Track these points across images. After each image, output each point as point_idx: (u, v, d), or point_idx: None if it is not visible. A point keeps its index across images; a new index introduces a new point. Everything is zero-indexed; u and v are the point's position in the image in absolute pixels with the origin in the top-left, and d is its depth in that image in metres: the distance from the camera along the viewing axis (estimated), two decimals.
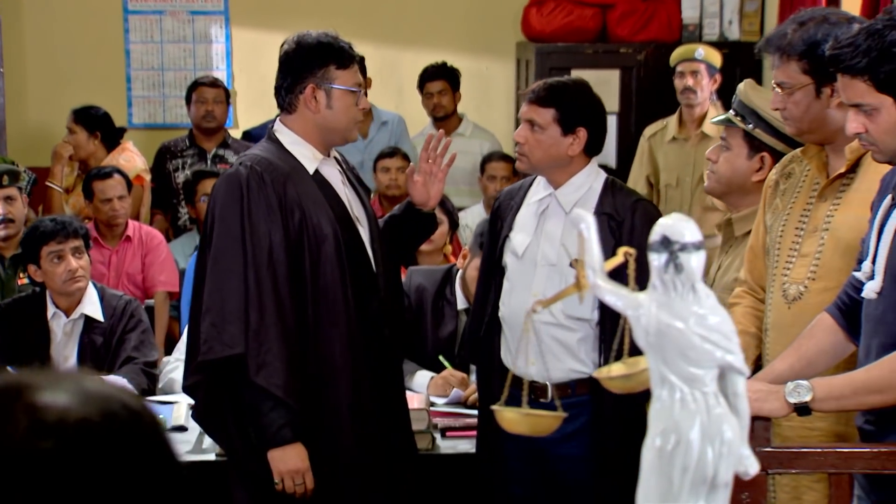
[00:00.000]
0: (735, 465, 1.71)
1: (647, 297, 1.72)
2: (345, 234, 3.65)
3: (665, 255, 1.71)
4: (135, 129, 7.84)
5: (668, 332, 1.69)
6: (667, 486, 1.70)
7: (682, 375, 1.69)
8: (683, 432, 1.69)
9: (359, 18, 8.08)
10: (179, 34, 8.02)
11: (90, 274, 4.84)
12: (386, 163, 6.81)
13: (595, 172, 4.00)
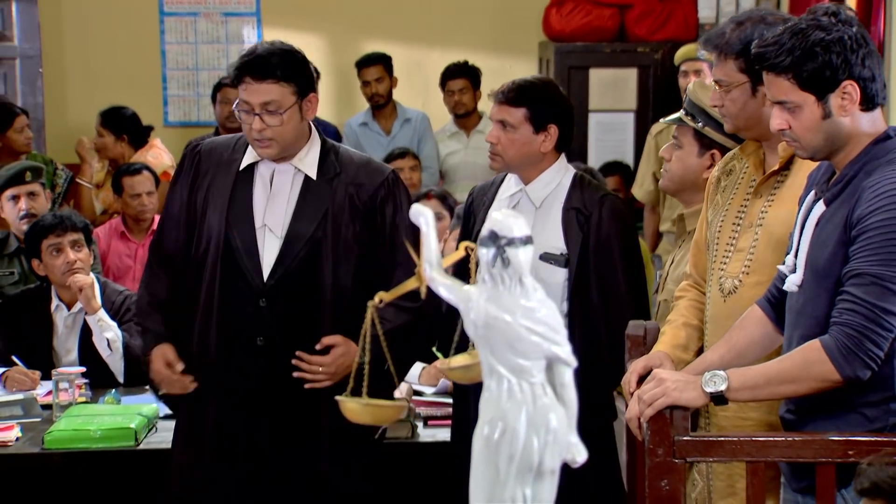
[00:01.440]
0: (562, 453, 1.83)
1: (476, 291, 1.84)
2: (233, 235, 3.72)
3: (493, 249, 1.82)
4: (170, 128, 8.08)
5: (496, 324, 1.81)
6: (494, 473, 1.81)
7: (510, 366, 1.81)
8: (510, 421, 1.80)
9: (386, 18, 8.24)
10: (213, 35, 8.24)
11: (90, 267, 5.03)
12: (398, 163, 6.97)
13: (564, 168, 4.12)
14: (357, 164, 3.80)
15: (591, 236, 4.01)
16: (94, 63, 8.13)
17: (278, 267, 3.71)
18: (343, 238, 3.72)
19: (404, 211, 3.73)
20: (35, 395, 4.62)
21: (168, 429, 4.20)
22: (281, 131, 3.63)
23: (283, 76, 3.61)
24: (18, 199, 5.65)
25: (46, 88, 7.89)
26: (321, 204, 3.72)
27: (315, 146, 3.76)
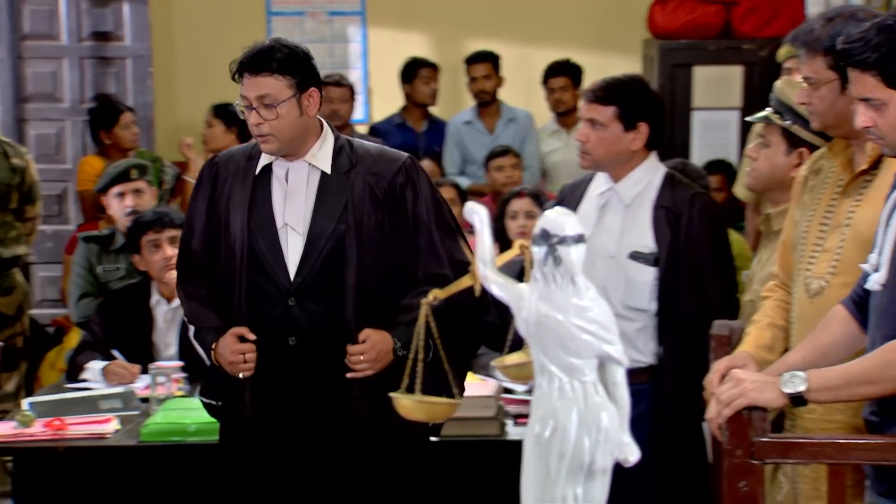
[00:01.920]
0: (614, 452, 1.83)
1: (528, 289, 1.84)
2: (256, 239, 3.72)
3: (545, 247, 1.82)
4: None
5: (548, 322, 1.81)
6: (544, 472, 1.81)
7: (561, 365, 1.81)
8: (561, 420, 1.80)
9: (490, 16, 8.26)
10: (319, 34, 8.32)
11: None
12: (499, 161, 7.00)
13: (655, 166, 4.10)
14: (372, 154, 3.76)
15: (681, 235, 3.99)
16: (203, 62, 8.25)
17: (304, 265, 3.69)
18: (366, 228, 3.68)
19: (424, 194, 3.71)
20: (134, 388, 4.71)
21: None
22: (278, 125, 3.60)
23: (278, 69, 3.59)
24: (124, 196, 5.77)
25: (156, 87, 8.04)
26: (340, 197, 3.68)
27: (328, 141, 3.73)
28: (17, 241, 6.23)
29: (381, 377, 3.62)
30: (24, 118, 7.96)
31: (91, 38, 8.00)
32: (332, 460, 3.74)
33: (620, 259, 4.02)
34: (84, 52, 7.99)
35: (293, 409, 3.73)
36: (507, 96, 7.79)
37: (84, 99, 7.93)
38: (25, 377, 6.44)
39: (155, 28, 8.04)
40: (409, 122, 7.84)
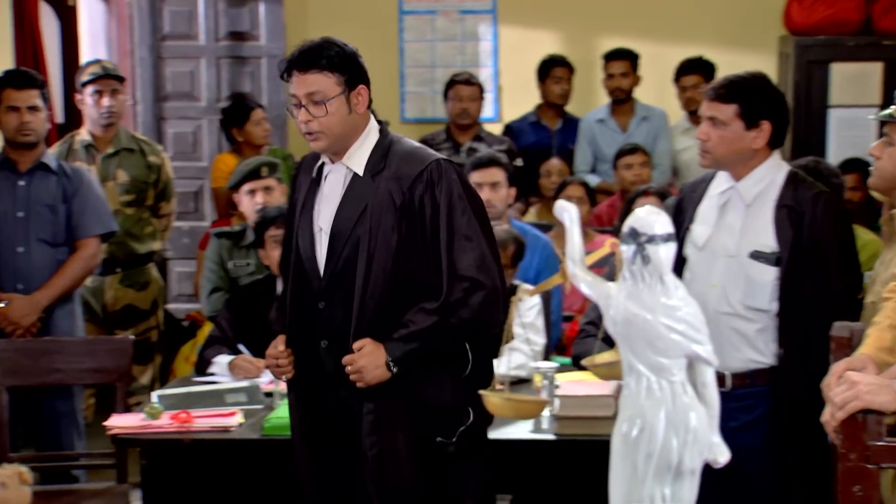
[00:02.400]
0: (703, 453, 1.81)
1: (617, 288, 1.83)
2: (299, 241, 3.77)
3: (633, 246, 1.81)
4: (406, 124, 8.23)
5: (636, 321, 1.80)
6: (631, 471, 1.80)
7: (649, 364, 1.79)
8: (648, 420, 1.79)
9: (623, 13, 8.20)
10: (450, 32, 8.36)
11: None
12: (628, 159, 6.95)
13: (777, 165, 4.03)
14: (401, 155, 3.68)
15: (804, 235, 3.91)
16: None
17: (327, 268, 3.71)
18: (381, 233, 3.63)
19: (442, 201, 3.61)
20: (259, 383, 4.78)
21: None
22: (327, 122, 3.59)
23: (327, 66, 3.59)
24: (255, 193, 5.86)
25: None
26: (362, 200, 3.65)
27: (369, 141, 3.69)
28: (152, 237, 6.38)
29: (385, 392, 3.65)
30: (162, 116, 8.14)
31: (227, 38, 8.15)
32: (354, 464, 3.75)
33: (741, 258, 3.97)
34: (221, 51, 8.14)
35: (325, 411, 3.76)
36: (641, 93, 7.73)
37: (220, 98, 8.08)
38: (160, 370, 6.59)
39: (289, 28, 8.16)
40: (543, 120, 7.83)
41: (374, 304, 3.63)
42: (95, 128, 6.23)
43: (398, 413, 3.68)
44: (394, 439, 3.66)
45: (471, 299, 3.60)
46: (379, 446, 3.67)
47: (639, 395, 1.80)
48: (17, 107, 5.32)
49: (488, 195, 5.77)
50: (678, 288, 1.80)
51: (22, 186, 5.36)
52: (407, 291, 3.64)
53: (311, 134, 3.63)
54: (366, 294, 3.63)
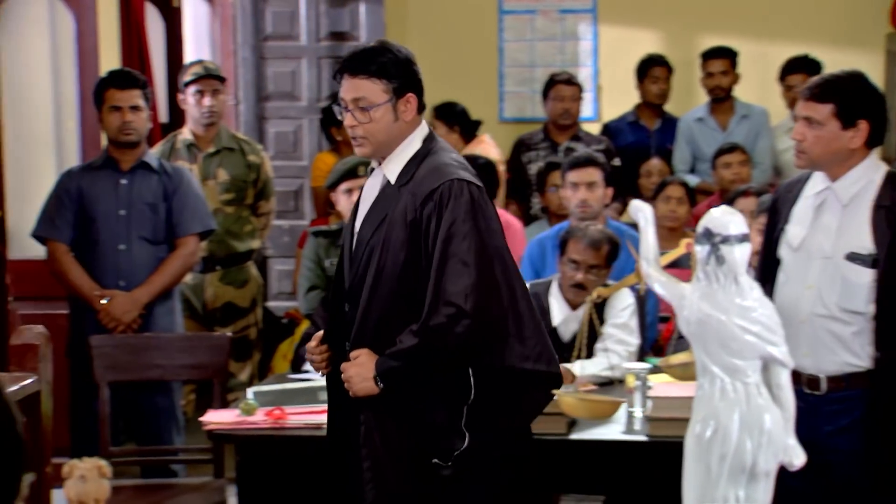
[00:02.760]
0: (778, 455, 1.79)
1: (690, 288, 1.82)
2: (345, 239, 3.78)
3: (707, 246, 1.80)
4: (505, 123, 8.25)
5: (709, 322, 1.78)
6: (705, 473, 1.79)
7: (723, 365, 1.78)
8: (722, 421, 1.78)
9: (725, 11, 8.14)
10: (549, 32, 8.36)
11: None
12: (727, 158, 6.90)
13: (875, 165, 3.97)
14: (426, 170, 3.63)
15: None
16: (436, 60, 8.35)
17: (350, 272, 3.72)
18: (392, 245, 3.60)
19: (446, 223, 3.54)
20: None
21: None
22: (371, 129, 3.57)
23: (376, 72, 3.56)
24: (352, 192, 5.90)
25: None
26: (384, 211, 3.64)
27: (409, 150, 3.66)
28: (251, 235, 6.46)
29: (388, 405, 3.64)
30: (264, 116, 8.24)
31: (328, 38, 8.23)
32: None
33: (837, 260, 3.91)
34: (321, 51, 8.22)
35: (349, 411, 3.74)
36: (742, 92, 7.66)
37: (320, 97, 8.16)
38: (259, 367, 6.67)
39: (389, 27, 8.21)
40: (641, 120, 7.80)
41: (377, 316, 3.63)
42: (197, 127, 6.32)
43: (390, 428, 3.67)
44: (385, 452, 3.65)
45: (455, 327, 3.53)
46: (371, 459, 3.67)
47: (712, 396, 1.79)
48: (119, 106, 5.41)
49: (584, 195, 5.75)
50: (753, 289, 1.79)
51: (124, 185, 5.46)
52: (410, 308, 3.60)
53: (355, 139, 3.64)
54: (370, 305, 3.63)
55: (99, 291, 5.36)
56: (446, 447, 3.62)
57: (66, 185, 5.46)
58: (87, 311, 5.37)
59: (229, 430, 4.47)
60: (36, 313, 5.95)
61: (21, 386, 3.64)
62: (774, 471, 1.79)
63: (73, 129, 6.44)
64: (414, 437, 3.65)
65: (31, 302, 6.05)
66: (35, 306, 6.04)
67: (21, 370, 3.70)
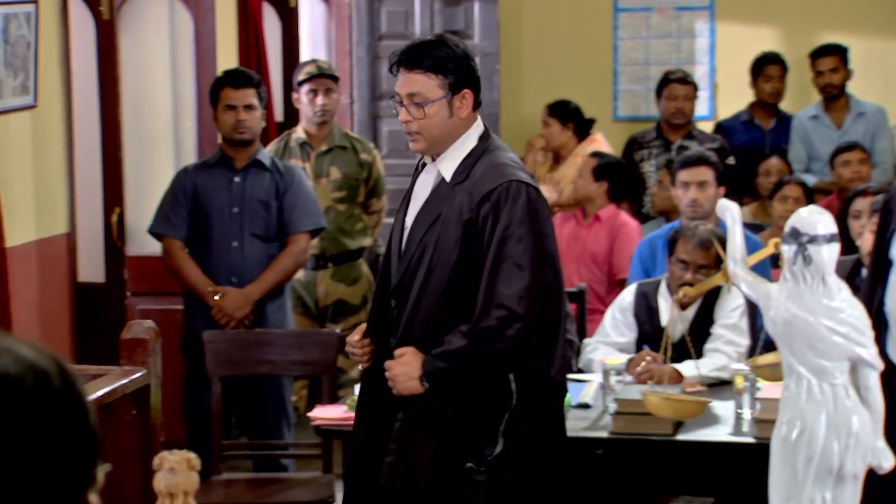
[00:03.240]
0: (866, 458, 1.76)
1: (777, 289, 1.80)
2: (393, 235, 3.74)
3: (794, 246, 1.78)
4: (619, 122, 8.21)
5: (796, 322, 1.76)
6: (791, 474, 1.77)
7: (810, 366, 1.76)
8: (808, 423, 1.76)
9: (844, 8, 8.00)
10: (665, 30, 8.30)
11: None
12: (845, 157, 6.79)
13: None
14: (483, 169, 3.59)
15: None
16: (549, 59, 8.38)
17: (398, 269, 3.68)
18: (444, 244, 3.57)
19: (502, 225, 3.53)
20: None
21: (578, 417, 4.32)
22: (425, 125, 3.55)
23: (432, 67, 3.53)
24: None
25: (502, 84, 8.21)
26: (437, 208, 3.60)
27: (464, 147, 3.63)
28: (363, 233, 6.51)
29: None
30: (378, 115, 8.30)
31: None
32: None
33: None
34: None
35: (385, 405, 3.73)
36: (860, 90, 7.53)
37: None
38: None
39: (503, 26, 8.22)
40: (756, 119, 7.70)
41: (425, 315, 3.61)
42: (310, 126, 6.39)
43: (426, 428, 3.65)
44: (417, 453, 3.64)
45: (506, 330, 3.51)
46: (397, 455, 3.66)
47: (799, 397, 1.77)
48: (234, 105, 5.49)
49: (695, 194, 5.70)
50: (841, 289, 1.77)
51: (237, 183, 5.54)
52: (458, 308, 3.58)
53: (409, 134, 3.62)
54: (419, 303, 3.62)
55: (212, 288, 5.44)
56: (482, 452, 3.60)
57: (181, 183, 5.55)
58: (201, 306, 5.46)
59: (337, 426, 4.51)
60: (154, 308, 6.08)
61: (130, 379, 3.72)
62: (862, 473, 1.76)
63: (190, 127, 6.55)
64: (449, 440, 3.63)
65: (150, 297, 6.18)
66: (153, 301, 6.17)
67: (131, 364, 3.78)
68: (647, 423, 3.96)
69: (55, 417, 1.26)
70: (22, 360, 1.26)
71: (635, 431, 4.07)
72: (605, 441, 4.23)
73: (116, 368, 3.82)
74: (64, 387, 1.28)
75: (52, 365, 1.29)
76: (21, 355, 1.27)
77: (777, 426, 1.77)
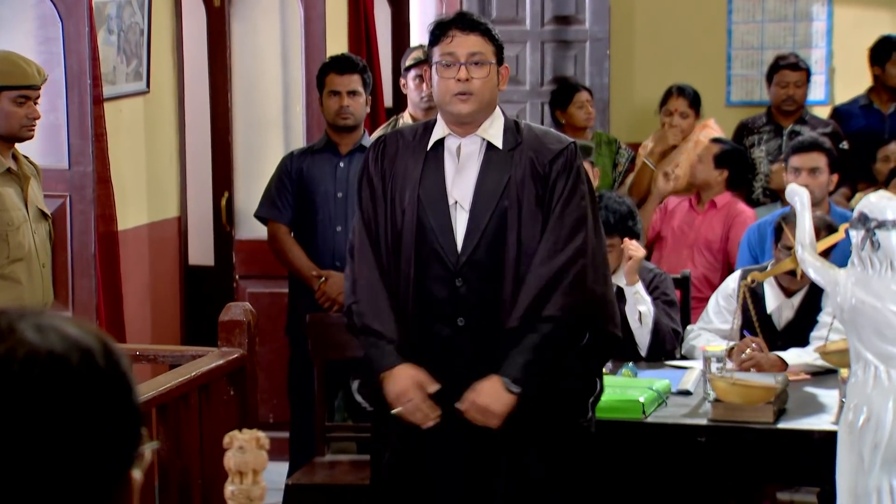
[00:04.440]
0: None
1: (845, 274, 1.77)
2: (426, 215, 3.62)
3: (862, 231, 1.75)
4: (732, 107, 8.09)
5: (863, 308, 1.73)
6: (857, 461, 1.74)
7: (878, 353, 1.73)
8: (875, 409, 1.73)
9: None
10: (781, 13, 8.15)
11: None
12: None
13: None
14: (538, 133, 3.71)
15: None
16: (661, 44, 8.29)
17: (468, 242, 3.61)
18: (527, 205, 3.59)
19: (573, 182, 3.62)
20: None
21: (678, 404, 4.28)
22: (482, 86, 3.58)
23: (487, 33, 3.62)
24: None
25: (613, 69, 8.16)
26: (503, 173, 3.61)
27: (499, 119, 3.69)
28: None
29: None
30: None
31: (552, 21, 8.23)
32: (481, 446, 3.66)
33: None
34: (545, 35, 8.23)
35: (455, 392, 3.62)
36: None
37: (543, 81, 8.17)
38: None
39: (615, 10, 8.16)
40: (875, 103, 7.54)
41: (529, 280, 3.59)
42: (417, 111, 6.40)
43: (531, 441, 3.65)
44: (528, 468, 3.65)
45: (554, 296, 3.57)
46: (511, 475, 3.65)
47: (866, 383, 1.74)
48: (338, 91, 5.53)
49: (806, 180, 5.60)
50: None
51: (342, 168, 5.59)
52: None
53: (463, 94, 3.59)
54: (518, 262, 3.59)
55: (316, 271, 5.49)
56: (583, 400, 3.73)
57: (287, 168, 5.61)
58: (305, 290, 5.51)
59: None
60: (262, 291, 6.17)
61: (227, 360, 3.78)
62: None
63: (299, 113, 6.61)
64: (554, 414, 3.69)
65: (258, 280, 6.27)
66: (262, 285, 6.25)
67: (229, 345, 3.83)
68: (747, 412, 3.90)
69: (99, 396, 1.28)
70: (67, 338, 1.28)
71: (735, 419, 4.02)
72: (704, 428, 4.19)
73: (215, 350, 3.88)
74: (108, 365, 1.30)
75: (97, 343, 1.31)
76: (66, 333, 1.29)
77: (844, 412, 1.74)
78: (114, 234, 5.31)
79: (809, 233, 1.83)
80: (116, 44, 5.56)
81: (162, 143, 5.95)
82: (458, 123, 3.66)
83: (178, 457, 3.63)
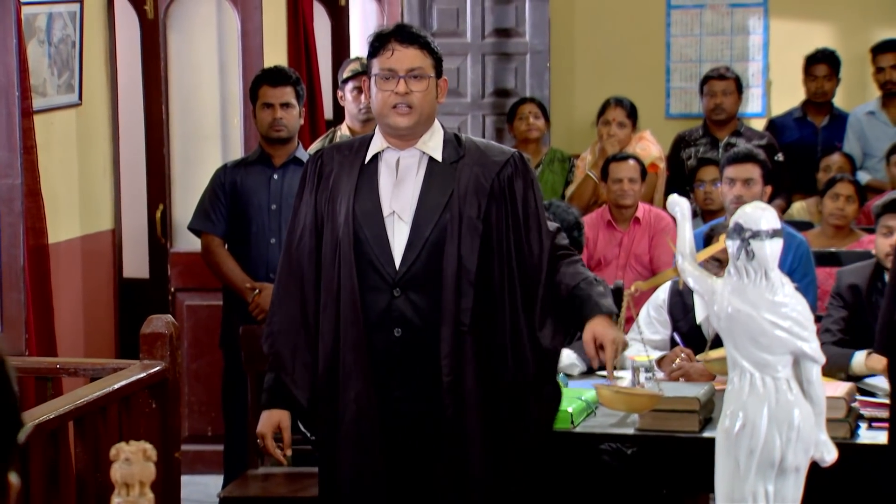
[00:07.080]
0: (809, 451, 1.75)
1: (722, 283, 1.79)
2: (361, 227, 3.64)
3: (738, 241, 1.77)
4: (671, 119, 8.15)
5: (739, 317, 1.75)
6: (734, 467, 1.76)
7: (753, 360, 1.75)
8: (750, 416, 1.75)
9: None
10: (718, 27, 8.24)
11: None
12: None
13: None
14: (480, 146, 3.72)
15: None
16: (600, 56, 8.35)
17: (408, 254, 3.62)
18: (467, 218, 3.61)
19: (535, 187, 3.69)
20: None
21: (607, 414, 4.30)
22: (422, 99, 3.58)
23: (425, 46, 3.63)
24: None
25: (553, 81, 8.20)
26: (447, 187, 3.63)
27: (438, 132, 3.70)
28: None
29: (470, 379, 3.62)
30: None
31: (493, 34, 8.27)
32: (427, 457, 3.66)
33: None
34: (486, 48, 8.27)
35: (394, 404, 3.64)
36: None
37: (484, 94, 8.20)
38: None
39: (554, 23, 8.21)
40: (809, 116, 7.62)
41: (469, 288, 3.61)
42: (354, 123, 6.40)
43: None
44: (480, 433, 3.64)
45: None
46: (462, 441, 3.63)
47: (742, 390, 1.76)
48: (271, 103, 5.53)
49: (740, 191, 5.64)
50: (785, 284, 1.76)
51: (276, 180, 5.58)
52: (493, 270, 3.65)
53: (399, 108, 3.60)
54: (459, 278, 3.60)
55: (250, 283, 5.48)
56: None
57: (220, 180, 5.60)
58: (239, 302, 5.50)
59: None
60: (198, 304, 6.15)
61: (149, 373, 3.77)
62: (805, 466, 1.75)
63: (237, 125, 6.61)
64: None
65: (194, 293, 6.25)
66: (198, 297, 6.23)
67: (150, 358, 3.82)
68: (673, 421, 3.92)
69: None
70: None
71: (661, 428, 4.04)
72: (631, 437, 4.21)
73: (136, 363, 3.87)
74: None
75: None
76: None
77: (721, 419, 1.76)
78: (44, 247, 5.28)
79: (689, 243, 1.85)
80: (48, 55, 5.54)
81: (95, 156, 5.93)
82: (397, 136, 3.67)
83: (96, 470, 3.61)
